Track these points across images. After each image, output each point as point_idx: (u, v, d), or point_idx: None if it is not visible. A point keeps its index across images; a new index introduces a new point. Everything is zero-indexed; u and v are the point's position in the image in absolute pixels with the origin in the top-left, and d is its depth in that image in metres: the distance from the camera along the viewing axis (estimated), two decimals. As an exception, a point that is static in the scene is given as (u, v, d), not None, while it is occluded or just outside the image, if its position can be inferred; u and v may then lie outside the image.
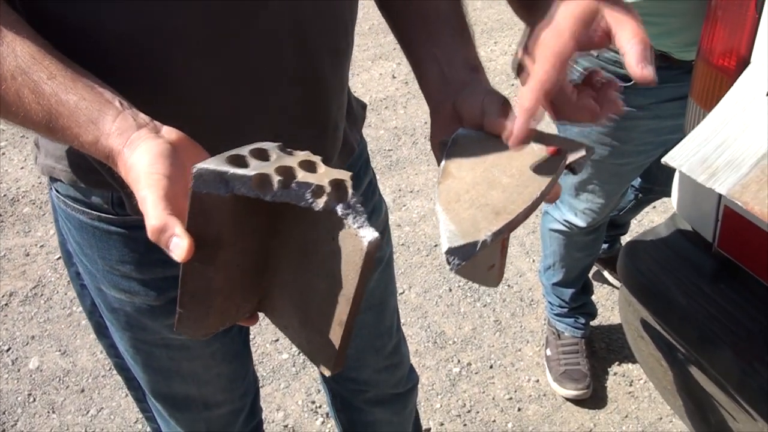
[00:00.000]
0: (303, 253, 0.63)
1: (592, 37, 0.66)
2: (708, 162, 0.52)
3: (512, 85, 3.59)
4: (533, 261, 2.52)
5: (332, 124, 0.92)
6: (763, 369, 1.10)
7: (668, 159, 0.53)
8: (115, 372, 2.14)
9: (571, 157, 0.68)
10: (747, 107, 0.51)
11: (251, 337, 2.23)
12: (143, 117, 0.64)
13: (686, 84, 1.21)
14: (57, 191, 0.90)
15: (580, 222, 1.83)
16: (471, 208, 0.63)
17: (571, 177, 1.74)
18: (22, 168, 3.06)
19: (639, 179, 2.04)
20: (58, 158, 0.85)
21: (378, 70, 3.82)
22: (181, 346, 1.02)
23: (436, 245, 2.61)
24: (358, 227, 0.57)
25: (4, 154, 3.16)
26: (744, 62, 1.06)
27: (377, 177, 1.17)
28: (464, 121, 0.73)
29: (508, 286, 2.44)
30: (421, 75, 0.82)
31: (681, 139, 1.42)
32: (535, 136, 0.70)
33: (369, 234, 0.57)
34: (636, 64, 0.63)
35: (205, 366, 1.09)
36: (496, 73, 3.69)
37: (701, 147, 0.52)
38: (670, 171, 1.46)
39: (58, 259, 2.57)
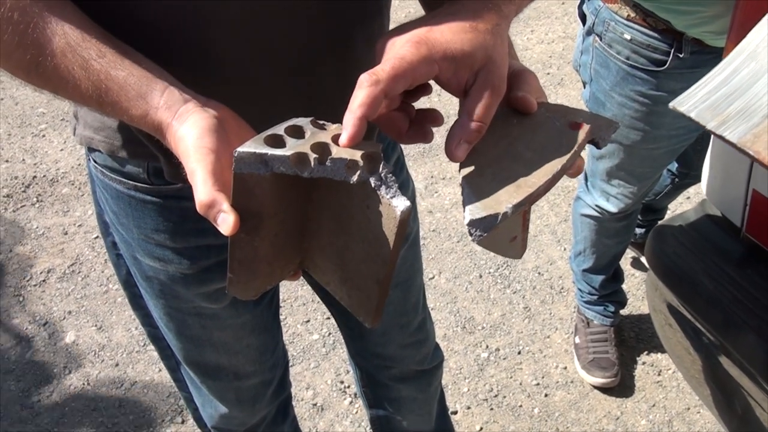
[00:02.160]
0: (339, 219, 0.66)
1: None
2: (719, 109, 0.52)
3: (548, 74, 3.58)
4: (564, 249, 2.52)
5: None
6: (788, 354, 1.10)
7: (676, 104, 0.54)
8: (148, 348, 2.20)
9: (594, 132, 0.70)
10: (759, 57, 0.52)
11: (282, 318, 2.27)
12: (189, 92, 0.67)
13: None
14: (95, 161, 0.94)
15: (612, 207, 1.82)
16: (493, 182, 0.64)
17: (602, 162, 1.74)
18: (61, 150, 3.13)
19: (676, 164, 2.02)
20: (96, 129, 0.89)
21: (413, 58, 3.82)
22: (212, 315, 1.06)
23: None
24: (391, 197, 0.60)
25: (44, 136, 3.24)
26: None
27: (410, 164, 1.19)
28: None
29: (539, 273, 2.44)
30: None
31: None
32: (559, 110, 0.71)
33: (401, 203, 0.59)
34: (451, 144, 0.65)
35: (236, 336, 1.12)
36: (533, 62, 3.67)
37: (711, 94, 0.52)
38: (705, 156, 1.45)
39: (95, 238, 2.64)
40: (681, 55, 1.45)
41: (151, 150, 0.83)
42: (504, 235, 0.78)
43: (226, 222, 0.59)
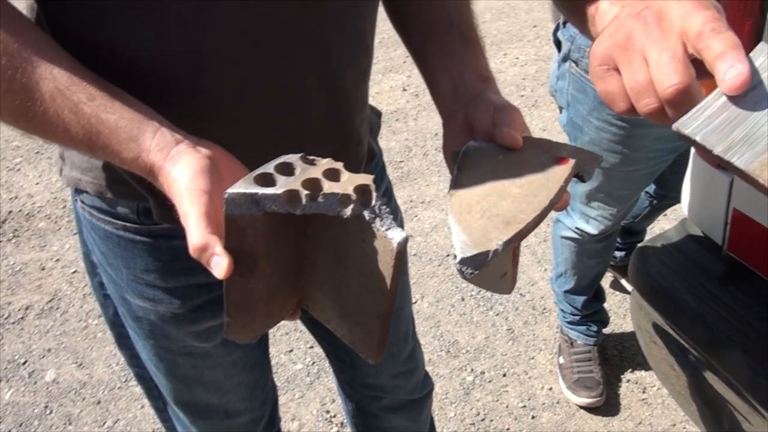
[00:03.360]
0: (334, 254, 0.66)
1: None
2: (723, 134, 0.53)
3: (522, 96, 3.62)
4: (545, 270, 2.54)
5: (355, 138, 0.95)
6: (773, 369, 1.11)
7: (679, 126, 0.54)
8: (130, 384, 2.17)
9: (579, 166, 0.71)
10: (756, 85, 0.53)
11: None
12: (180, 132, 0.67)
13: None
14: (82, 202, 0.93)
15: (592, 229, 1.84)
16: (482, 219, 0.65)
17: (582, 185, 1.76)
18: (37, 183, 3.10)
19: (653, 186, 2.05)
20: (84, 170, 0.88)
21: (388, 82, 3.85)
22: (203, 354, 1.05)
23: (447, 255, 2.63)
24: (386, 229, 0.60)
25: (19, 170, 3.20)
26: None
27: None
28: (475, 131, 0.75)
29: (521, 294, 2.45)
30: (433, 86, 0.85)
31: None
32: (543, 145, 0.72)
33: (398, 235, 0.60)
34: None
35: (227, 374, 1.11)
36: (506, 85, 3.72)
37: (713, 119, 0.53)
38: (683, 177, 1.48)
39: (73, 273, 2.61)
40: None
41: (140, 190, 0.82)
42: (494, 272, 0.78)
43: (219, 265, 0.59)
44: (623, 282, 2.42)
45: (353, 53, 0.86)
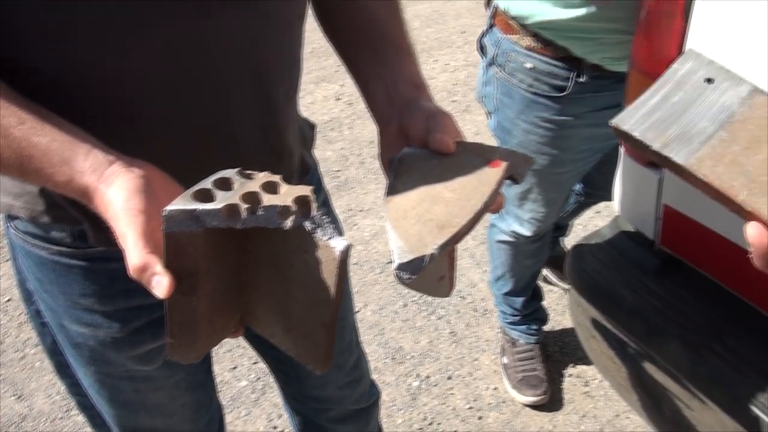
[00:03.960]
0: (276, 267, 0.66)
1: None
2: (659, 131, 0.56)
3: (453, 101, 3.66)
4: (484, 271, 2.57)
5: (288, 151, 0.95)
6: (710, 356, 1.15)
7: (618, 122, 0.57)
8: (72, 414, 2.10)
9: (512, 168, 0.72)
10: (686, 87, 0.56)
11: (209, 365, 2.21)
12: (114, 153, 0.66)
13: (620, 92, 1.27)
14: (15, 228, 0.90)
15: (526, 231, 1.87)
16: (417, 224, 0.66)
17: (514, 188, 1.79)
18: (-40, 210, 2.99)
19: (580, 184, 2.10)
20: (16, 195, 0.85)
21: (321, 92, 3.85)
22: (145, 378, 1.03)
23: (388, 262, 2.63)
24: (328, 239, 0.60)
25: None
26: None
27: (327, 198, 1.20)
28: (410, 138, 0.76)
29: (461, 297, 2.48)
30: (367, 95, 0.85)
31: (617, 145, 1.48)
32: (476, 149, 0.74)
33: (339, 243, 0.60)
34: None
35: (171, 397, 1.09)
36: (438, 90, 3.75)
37: (648, 117, 0.56)
38: (609, 176, 1.51)
39: (8, 301, 2.52)
40: (581, 80, 1.51)
41: (74, 213, 0.80)
42: (431, 276, 0.79)
43: (160, 285, 0.58)
44: (546, 272, 2.46)
45: (284, 68, 0.86)
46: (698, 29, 1.06)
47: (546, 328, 2.27)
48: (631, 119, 0.57)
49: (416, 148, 0.75)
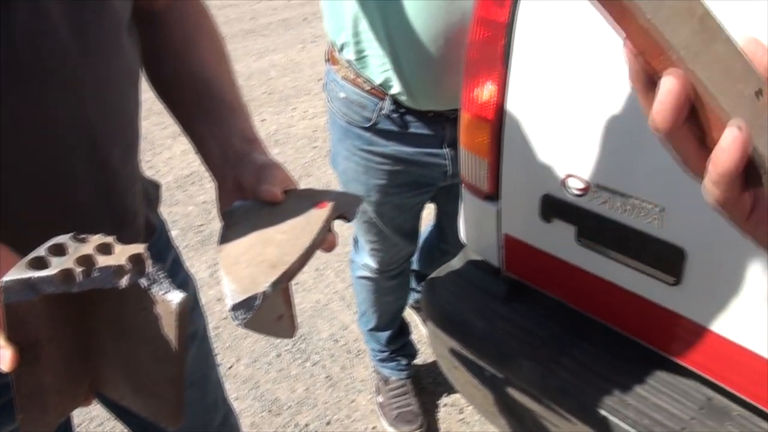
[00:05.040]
0: (118, 328, 0.66)
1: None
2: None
3: (314, 147, 3.71)
4: (354, 313, 2.60)
5: (131, 213, 0.95)
6: (559, 369, 1.22)
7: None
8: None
9: (339, 208, 0.76)
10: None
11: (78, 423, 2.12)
12: None
13: (430, 128, 1.33)
14: None
15: (373, 263, 1.89)
16: (249, 267, 0.69)
17: (356, 223, 1.81)
18: None
19: (439, 242, 2.10)
20: None
21: (179, 146, 3.81)
22: None
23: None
24: (164, 293, 0.61)
25: None
26: (500, 109, 1.20)
27: (191, 254, 1.19)
28: (245, 191, 0.79)
29: (335, 340, 2.50)
30: (203, 153, 0.87)
31: (431, 179, 1.54)
32: (306, 194, 0.77)
33: (176, 297, 0.61)
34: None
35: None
36: (298, 138, 3.80)
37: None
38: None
39: None
40: (384, 113, 1.53)
41: None
42: (269, 315, 0.82)
43: (3, 358, 0.58)
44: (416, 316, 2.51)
45: (118, 130, 0.87)
46: (518, 75, 1.16)
47: (418, 360, 2.32)
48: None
49: (247, 201, 0.78)
